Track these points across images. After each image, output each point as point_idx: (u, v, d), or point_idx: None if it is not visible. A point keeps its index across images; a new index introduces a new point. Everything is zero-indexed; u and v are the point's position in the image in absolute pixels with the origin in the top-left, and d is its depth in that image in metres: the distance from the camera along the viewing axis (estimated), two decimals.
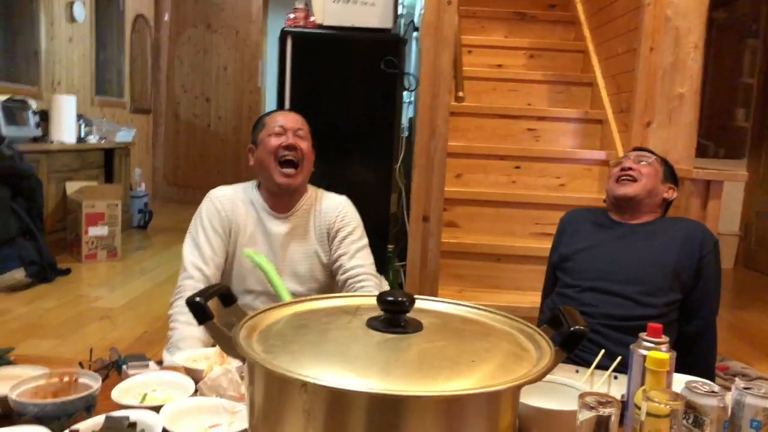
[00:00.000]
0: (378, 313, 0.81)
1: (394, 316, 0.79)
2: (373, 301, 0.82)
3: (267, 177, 1.84)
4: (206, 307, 0.80)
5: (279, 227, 1.85)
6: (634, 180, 1.90)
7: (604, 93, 3.97)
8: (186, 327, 1.67)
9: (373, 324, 0.79)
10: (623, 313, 1.78)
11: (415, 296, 0.85)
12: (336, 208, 1.90)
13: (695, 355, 1.78)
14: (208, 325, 0.80)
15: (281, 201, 1.86)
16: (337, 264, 1.86)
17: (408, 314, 0.81)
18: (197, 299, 0.79)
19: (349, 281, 1.82)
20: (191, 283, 1.75)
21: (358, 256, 1.85)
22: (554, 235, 2.13)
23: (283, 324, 0.84)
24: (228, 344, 0.77)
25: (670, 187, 1.95)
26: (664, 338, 1.12)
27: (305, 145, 1.85)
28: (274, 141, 1.82)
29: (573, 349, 0.74)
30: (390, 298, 0.78)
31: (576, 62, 4.44)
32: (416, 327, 0.79)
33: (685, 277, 1.82)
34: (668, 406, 0.99)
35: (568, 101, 4.18)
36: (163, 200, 8.08)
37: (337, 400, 0.67)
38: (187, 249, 1.82)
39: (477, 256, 3.24)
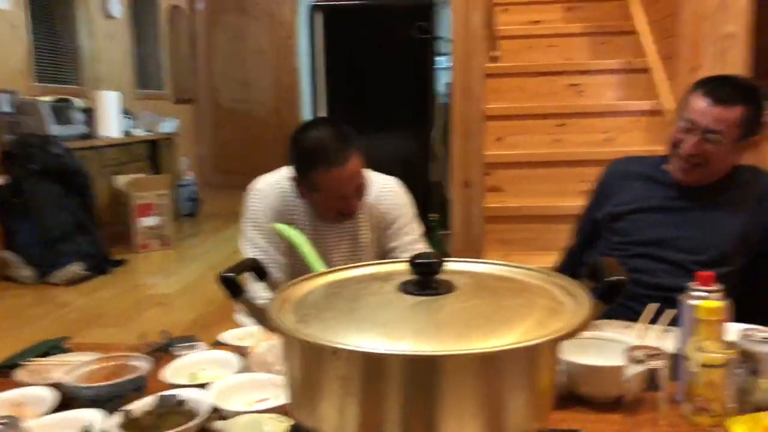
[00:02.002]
0: (410, 277, 0.80)
1: (425, 279, 0.77)
2: (405, 266, 0.81)
3: (322, 215, 1.71)
4: (238, 282, 0.80)
5: (330, 224, 1.75)
6: (701, 164, 1.60)
7: (647, 40, 3.81)
8: None
9: (405, 287, 0.77)
10: (679, 284, 1.40)
11: (448, 258, 0.84)
12: (388, 198, 1.79)
13: None
14: (241, 299, 0.80)
15: None
16: (391, 256, 1.78)
17: (440, 276, 0.79)
18: (229, 274, 0.79)
19: None
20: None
21: (411, 249, 1.75)
22: (596, 186, 1.89)
23: (315, 294, 0.83)
24: (262, 317, 0.77)
25: (753, 142, 1.59)
26: (717, 286, 1.07)
27: (364, 186, 1.68)
28: (336, 205, 1.65)
29: (612, 301, 0.71)
30: (420, 260, 0.77)
31: (617, 10, 4.26)
32: (449, 288, 0.77)
33: (753, 241, 1.62)
34: (722, 356, 0.95)
35: (611, 52, 4.03)
36: (211, 187, 8.22)
37: (371, 364, 0.67)
38: (248, 251, 1.70)
39: (523, 219, 3.18)
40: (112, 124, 5.20)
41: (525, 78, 3.82)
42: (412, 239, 1.79)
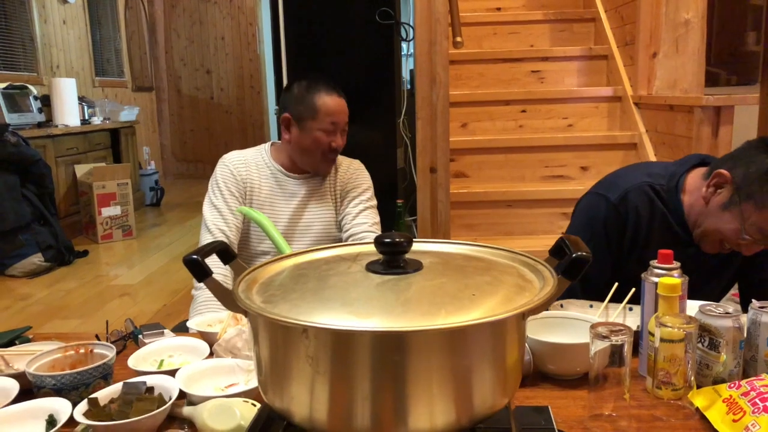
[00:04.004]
0: (378, 257, 0.80)
1: (392, 258, 0.77)
2: (373, 248, 0.81)
3: (306, 161, 1.84)
4: (204, 264, 0.79)
5: (297, 189, 1.86)
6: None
7: (607, 27, 3.87)
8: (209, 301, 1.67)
9: (372, 267, 0.77)
10: None
11: (416, 239, 0.84)
12: (348, 171, 1.93)
13: None
14: (208, 282, 0.79)
15: (300, 166, 1.88)
16: (342, 222, 1.88)
17: (408, 255, 0.79)
18: (194, 257, 0.78)
19: (351, 240, 1.82)
20: None
21: (363, 215, 1.87)
22: (606, 213, 1.52)
23: (283, 275, 0.83)
24: (228, 299, 0.77)
25: None
26: (675, 263, 1.10)
27: (345, 139, 1.86)
28: (325, 138, 1.79)
29: (576, 276, 0.73)
30: (387, 240, 0.77)
31: None
32: (416, 267, 0.77)
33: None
34: (682, 330, 0.98)
35: (571, 39, 4.08)
36: (174, 176, 8.10)
37: (340, 342, 0.67)
38: (208, 211, 1.82)
39: (488, 204, 3.22)
40: (69, 112, 5.07)
41: (487, 65, 3.85)
42: (364, 207, 1.88)
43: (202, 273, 0.79)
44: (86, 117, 5.46)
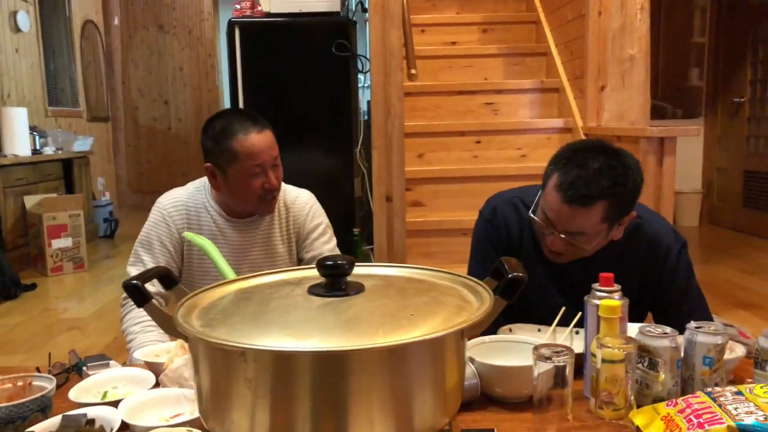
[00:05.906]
0: (321, 281, 0.81)
1: (334, 280, 0.78)
2: (317, 272, 0.82)
3: (243, 206, 1.69)
4: (144, 289, 0.78)
5: (240, 233, 1.72)
6: (569, 254, 1.42)
7: (558, 61, 4.00)
8: (142, 335, 1.63)
9: (314, 290, 0.78)
10: None
11: (361, 263, 0.85)
12: (303, 209, 1.79)
13: None
14: (147, 307, 0.78)
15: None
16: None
17: (352, 279, 0.80)
18: (134, 282, 0.78)
19: None
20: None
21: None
22: (484, 227, 1.60)
23: (225, 300, 0.83)
24: (168, 324, 0.76)
25: (621, 224, 1.41)
26: (616, 286, 1.12)
27: (281, 171, 1.67)
28: (254, 182, 1.61)
29: (512, 296, 0.74)
30: (329, 262, 0.78)
31: (529, 33, 4.45)
32: (358, 289, 0.78)
33: (646, 299, 1.46)
34: (622, 350, 1.00)
35: (524, 72, 4.19)
36: (129, 208, 7.95)
37: (278, 364, 0.67)
38: (131, 266, 1.71)
39: (444, 233, 3.25)
40: (19, 142, 4.96)
41: (443, 97, 3.92)
42: (330, 248, 1.79)
43: (141, 298, 0.78)
44: (38, 147, 5.34)
